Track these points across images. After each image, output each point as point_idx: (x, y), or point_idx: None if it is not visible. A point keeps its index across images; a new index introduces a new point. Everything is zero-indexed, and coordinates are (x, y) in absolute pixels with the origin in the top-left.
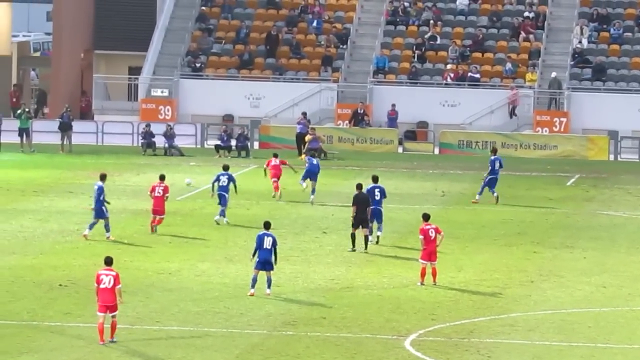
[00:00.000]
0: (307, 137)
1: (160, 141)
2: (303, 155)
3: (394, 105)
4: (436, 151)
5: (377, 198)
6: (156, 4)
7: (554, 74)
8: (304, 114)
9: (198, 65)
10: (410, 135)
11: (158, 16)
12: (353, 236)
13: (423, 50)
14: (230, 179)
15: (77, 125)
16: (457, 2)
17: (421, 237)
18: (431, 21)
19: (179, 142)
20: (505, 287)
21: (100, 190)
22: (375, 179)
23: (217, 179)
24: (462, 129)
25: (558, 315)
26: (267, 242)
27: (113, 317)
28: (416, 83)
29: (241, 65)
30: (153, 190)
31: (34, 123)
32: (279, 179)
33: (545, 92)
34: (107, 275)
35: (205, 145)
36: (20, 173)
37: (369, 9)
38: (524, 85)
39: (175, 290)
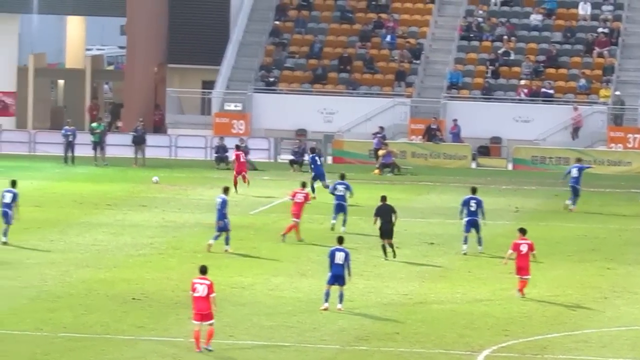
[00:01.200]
0: (381, 152)
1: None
2: (377, 170)
3: (455, 120)
4: (509, 167)
5: (473, 209)
6: (230, 18)
7: (617, 92)
8: (381, 128)
9: (271, 79)
10: (484, 151)
11: (232, 30)
12: (383, 247)
13: (497, 65)
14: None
15: (150, 139)
16: (531, 18)
17: (510, 251)
18: (505, 37)
19: (252, 156)
20: (578, 303)
21: (224, 203)
22: (473, 191)
23: (335, 188)
24: (535, 144)
25: (632, 332)
26: (339, 257)
27: (210, 325)
28: (489, 98)
29: (314, 79)
30: (294, 195)
31: (108, 136)
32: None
33: (619, 109)
34: (201, 284)
35: (279, 160)
36: (94, 186)
37: (442, 24)
38: (597, 101)
39: (248, 305)
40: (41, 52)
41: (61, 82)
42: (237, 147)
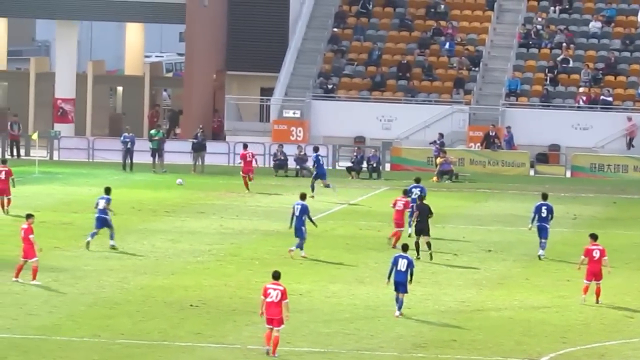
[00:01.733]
0: (438, 160)
1: (291, 162)
2: (435, 178)
3: (508, 127)
4: (568, 174)
5: (544, 215)
6: (289, 25)
7: None
8: (441, 135)
9: (330, 86)
10: (542, 158)
11: (290, 37)
12: (417, 244)
13: (555, 73)
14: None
15: (209, 146)
16: (590, 25)
17: (582, 257)
18: (564, 44)
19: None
20: (636, 311)
21: (304, 210)
22: (544, 197)
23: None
24: (594, 152)
25: None
26: (402, 264)
27: (276, 332)
28: (548, 106)
29: (373, 87)
30: (395, 204)
31: (167, 143)
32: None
33: None
34: (274, 289)
35: (337, 167)
36: (152, 193)
37: (501, 31)
38: None
39: (306, 312)
40: (100, 59)
41: (120, 89)
42: (245, 147)
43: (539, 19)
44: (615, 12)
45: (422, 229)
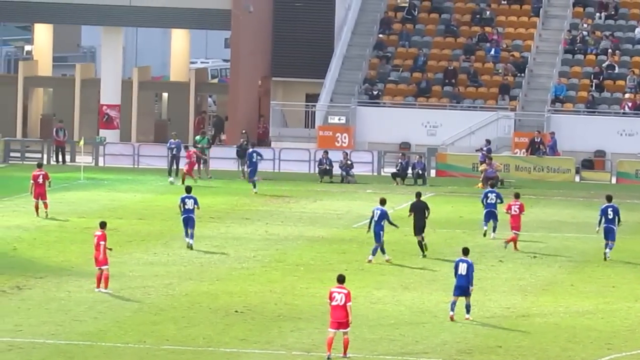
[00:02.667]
0: (482, 167)
1: (337, 168)
2: (480, 184)
3: (552, 133)
4: (613, 180)
5: (610, 217)
6: (334, 32)
7: None
8: (488, 141)
9: (375, 92)
10: (588, 165)
11: (336, 44)
12: (419, 243)
13: (601, 79)
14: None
15: None
16: (636, 31)
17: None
18: (609, 50)
19: (356, 169)
20: None
21: (384, 214)
22: (609, 199)
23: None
24: (639, 158)
25: None
26: (462, 268)
27: (345, 334)
28: (593, 112)
29: (418, 93)
30: (509, 208)
31: (212, 150)
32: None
33: None
34: (339, 292)
35: (382, 173)
36: (198, 199)
37: (547, 37)
38: None
39: (352, 318)
40: (145, 65)
41: (165, 95)
42: (194, 144)
43: (585, 25)
44: None
45: (419, 227)
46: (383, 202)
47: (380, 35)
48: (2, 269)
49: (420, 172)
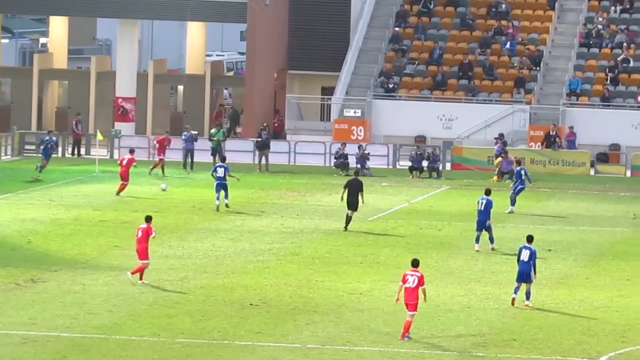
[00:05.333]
0: (497, 160)
1: (352, 162)
2: (496, 177)
3: (571, 127)
4: (628, 174)
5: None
6: (350, 25)
7: None
8: (501, 135)
9: (391, 85)
10: (603, 158)
11: (352, 37)
12: (347, 217)
13: (616, 72)
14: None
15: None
16: None
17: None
18: (624, 44)
19: (371, 162)
20: None
21: (490, 204)
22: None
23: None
24: None
25: None
26: (525, 255)
27: (410, 316)
28: (609, 105)
29: (434, 86)
30: None
31: (228, 142)
32: None
33: None
34: (412, 275)
35: (397, 166)
36: (213, 192)
37: (562, 31)
38: None
39: (366, 311)
40: (161, 58)
41: (181, 87)
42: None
43: (600, 19)
44: None
45: (353, 203)
46: (488, 192)
47: (396, 29)
48: (17, 262)
49: (434, 165)
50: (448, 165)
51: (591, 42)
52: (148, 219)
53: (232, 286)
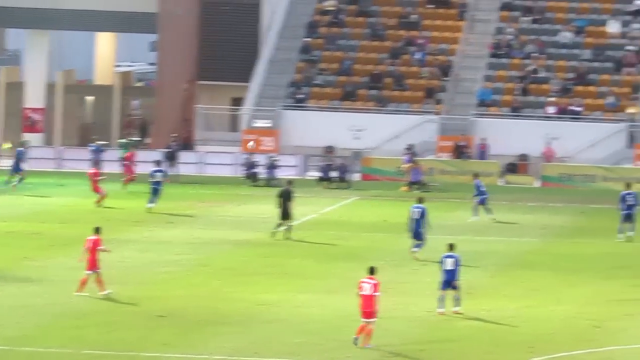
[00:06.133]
0: (405, 167)
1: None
2: (405, 187)
3: (484, 139)
4: (537, 184)
5: (630, 203)
6: (260, 35)
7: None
8: (409, 146)
9: (301, 96)
10: (512, 168)
11: (262, 47)
12: (279, 225)
13: (526, 83)
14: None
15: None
16: (561, 36)
17: None
18: (534, 54)
19: (281, 173)
20: (604, 321)
21: (424, 212)
22: (628, 186)
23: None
24: (563, 162)
25: None
26: (449, 263)
27: (368, 323)
28: (518, 116)
29: (344, 96)
30: None
31: (137, 153)
32: None
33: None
34: (368, 283)
35: (307, 177)
36: (122, 203)
37: (473, 41)
38: (625, 118)
39: (275, 322)
40: (71, 69)
41: (90, 98)
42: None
43: (510, 29)
44: (586, 22)
45: (286, 213)
46: (421, 200)
47: (307, 39)
48: None
49: (343, 175)
50: (357, 176)
51: (501, 53)
52: (97, 230)
53: (140, 297)
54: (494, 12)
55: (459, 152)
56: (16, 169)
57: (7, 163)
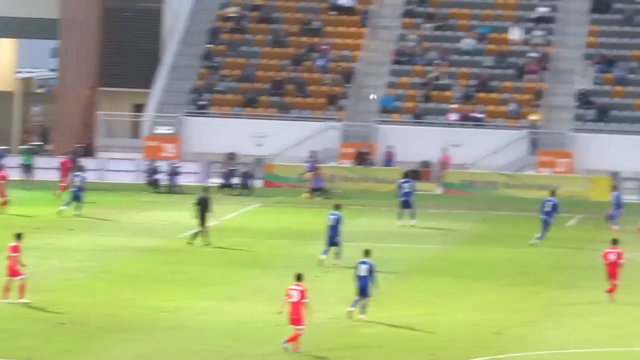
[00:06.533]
0: (308, 175)
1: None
2: (307, 194)
3: (390, 146)
4: (439, 191)
5: (547, 209)
6: (162, 42)
7: (533, 117)
8: (313, 152)
9: (203, 102)
10: (414, 175)
11: (164, 54)
12: (197, 233)
13: (428, 89)
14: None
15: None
16: (463, 42)
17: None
18: (437, 61)
19: (183, 179)
20: (505, 327)
21: (339, 220)
22: (552, 193)
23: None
24: (465, 168)
25: (557, 356)
26: (363, 269)
27: (297, 329)
28: (420, 123)
29: (246, 103)
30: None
31: (37, 160)
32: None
33: (549, 133)
34: (295, 290)
35: (209, 183)
36: (22, 210)
37: (375, 48)
38: (527, 125)
39: (177, 329)
40: None
41: None
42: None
43: (413, 36)
44: (489, 29)
45: (201, 219)
46: (337, 207)
47: (209, 46)
48: None
49: (245, 182)
50: (259, 183)
51: (404, 59)
52: (19, 235)
53: (40, 304)
54: (396, 18)
55: (361, 159)
56: None
57: None
